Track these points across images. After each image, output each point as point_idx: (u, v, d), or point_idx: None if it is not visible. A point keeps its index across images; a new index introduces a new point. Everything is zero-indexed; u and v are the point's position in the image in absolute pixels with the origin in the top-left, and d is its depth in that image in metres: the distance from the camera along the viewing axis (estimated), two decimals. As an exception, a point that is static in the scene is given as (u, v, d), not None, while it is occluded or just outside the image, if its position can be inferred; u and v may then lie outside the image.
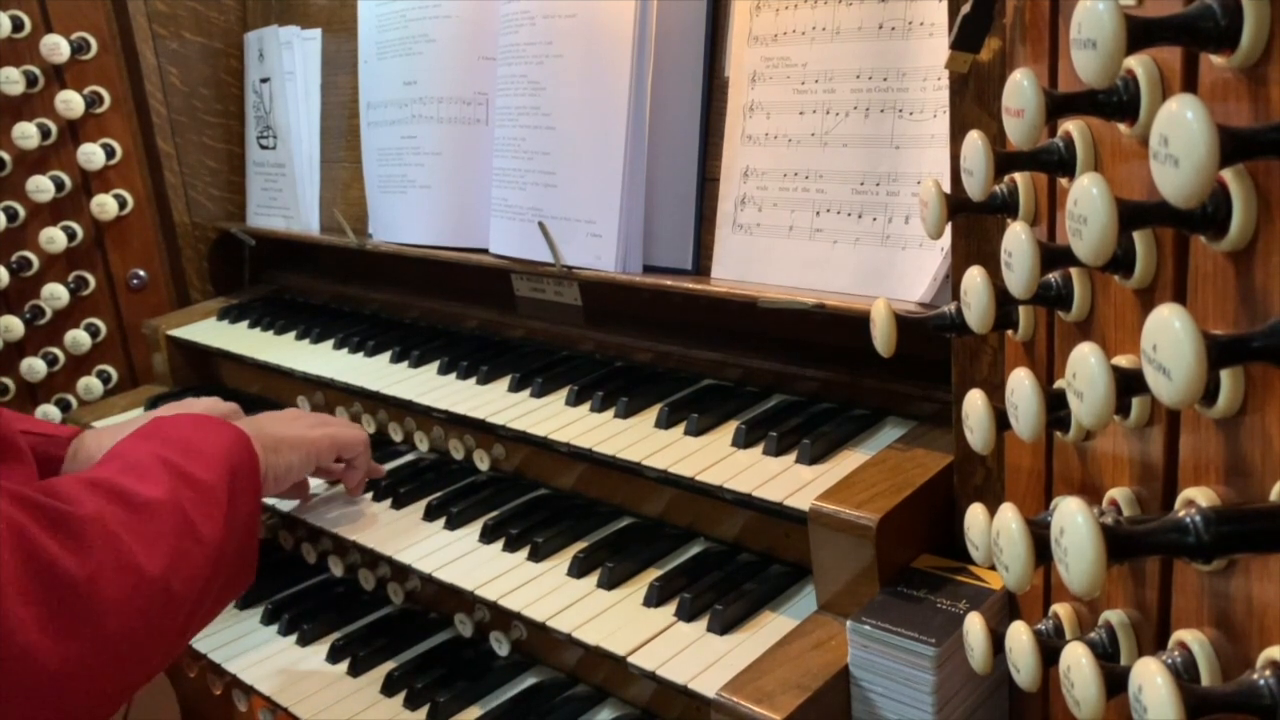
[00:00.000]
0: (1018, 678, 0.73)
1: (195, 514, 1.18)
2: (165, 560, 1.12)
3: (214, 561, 1.19)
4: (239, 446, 1.31)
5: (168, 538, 1.13)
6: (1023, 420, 0.75)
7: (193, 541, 1.17)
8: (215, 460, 1.25)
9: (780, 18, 1.43)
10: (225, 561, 1.22)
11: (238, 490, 1.26)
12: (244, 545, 1.28)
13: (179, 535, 1.15)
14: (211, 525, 1.20)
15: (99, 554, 1.05)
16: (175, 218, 2.27)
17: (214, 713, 1.71)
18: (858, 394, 1.39)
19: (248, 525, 1.29)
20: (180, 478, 1.20)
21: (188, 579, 1.15)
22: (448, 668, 1.48)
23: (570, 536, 1.43)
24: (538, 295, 1.83)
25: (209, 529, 1.19)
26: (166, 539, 1.13)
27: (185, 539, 1.16)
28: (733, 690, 1.06)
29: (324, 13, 2.16)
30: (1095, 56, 0.59)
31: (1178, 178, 0.53)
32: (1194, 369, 0.53)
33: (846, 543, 1.13)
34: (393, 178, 1.91)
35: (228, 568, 1.23)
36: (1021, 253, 0.74)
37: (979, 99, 1.03)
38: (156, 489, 1.16)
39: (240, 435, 1.33)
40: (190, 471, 1.21)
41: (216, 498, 1.22)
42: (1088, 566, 0.57)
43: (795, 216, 1.40)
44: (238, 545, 1.26)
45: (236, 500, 1.25)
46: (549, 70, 1.60)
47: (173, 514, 1.16)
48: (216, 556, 1.20)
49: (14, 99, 2.15)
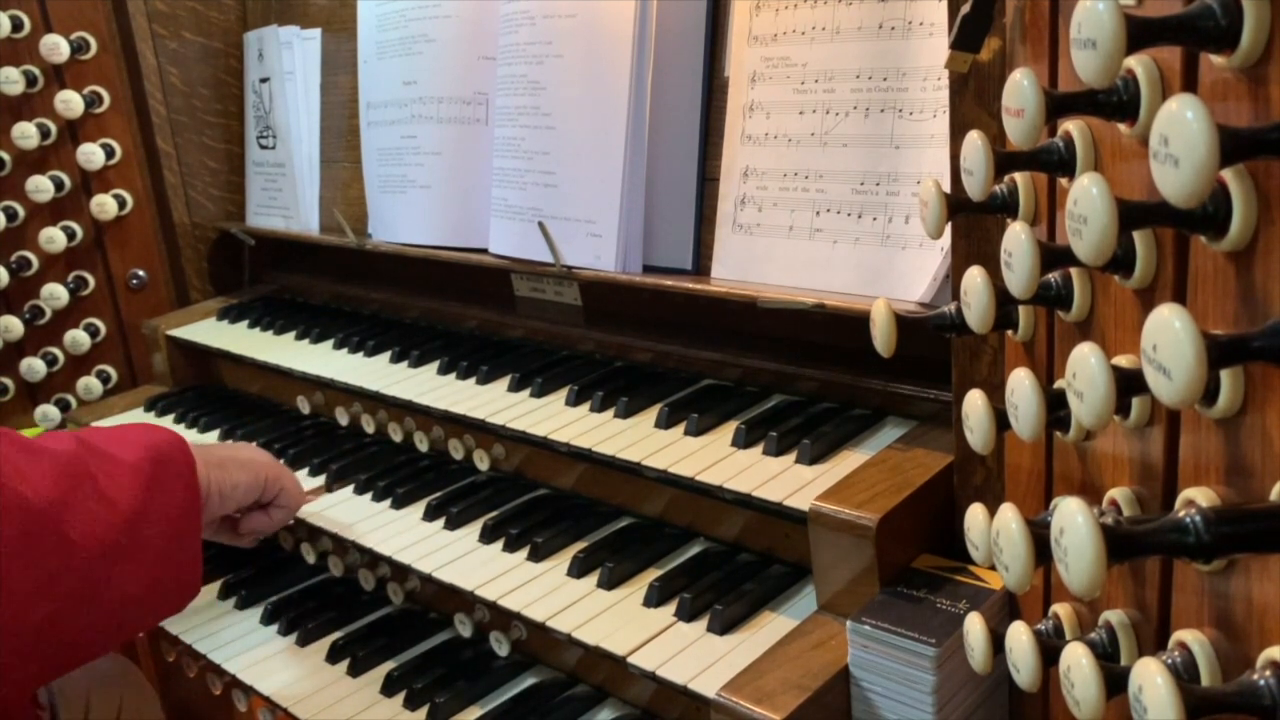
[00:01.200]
0: (1018, 678, 0.73)
1: (101, 477, 1.16)
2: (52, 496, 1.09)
3: (128, 531, 1.16)
4: (169, 444, 1.29)
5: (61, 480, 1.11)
6: (1023, 420, 0.75)
7: (95, 498, 1.14)
8: (134, 444, 1.24)
9: (780, 18, 1.43)
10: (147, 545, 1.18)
11: (161, 475, 1.23)
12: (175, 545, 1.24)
13: (75, 482, 1.13)
14: (122, 493, 1.17)
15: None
16: (175, 218, 2.27)
17: (214, 713, 1.71)
18: (858, 394, 1.39)
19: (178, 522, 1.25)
20: (88, 446, 1.19)
21: (88, 532, 1.12)
22: (448, 668, 1.48)
23: (570, 536, 1.43)
24: (538, 295, 1.83)
25: (119, 494, 1.17)
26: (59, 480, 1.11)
27: (84, 490, 1.13)
28: (733, 690, 1.06)
29: (324, 13, 2.16)
30: (1095, 56, 0.59)
31: (1178, 178, 0.53)
32: (1194, 369, 0.53)
33: (846, 543, 1.13)
34: (392, 178, 1.91)
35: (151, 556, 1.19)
36: (1021, 253, 0.74)
37: (979, 99, 1.03)
38: (59, 445, 1.16)
39: (173, 436, 1.31)
40: (103, 446, 1.20)
41: (129, 469, 1.20)
42: (1088, 566, 0.57)
43: (795, 216, 1.40)
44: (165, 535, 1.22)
45: (159, 483, 1.22)
46: (549, 70, 1.60)
47: (69, 464, 1.14)
48: (131, 527, 1.16)
49: (14, 99, 2.15)
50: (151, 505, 1.20)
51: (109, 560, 1.14)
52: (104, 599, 1.15)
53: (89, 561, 1.12)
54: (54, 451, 1.15)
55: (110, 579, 1.15)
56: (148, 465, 1.22)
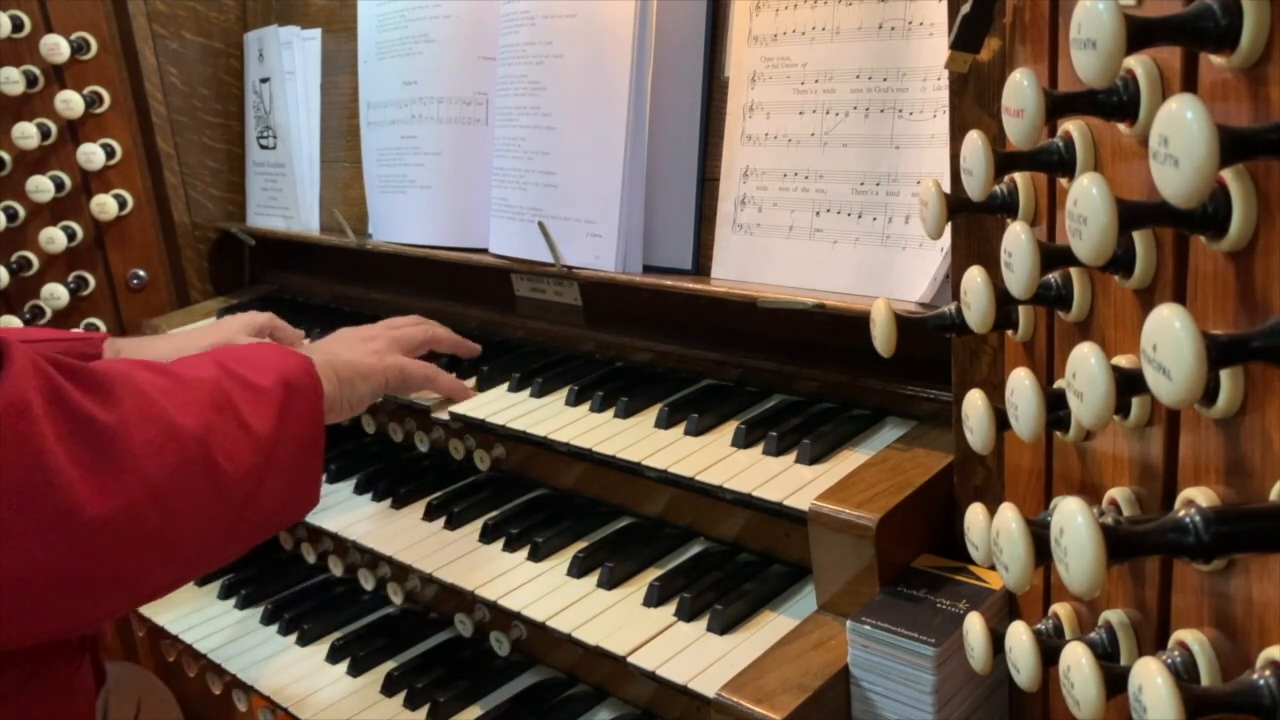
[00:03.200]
0: (1018, 678, 0.73)
1: (242, 404, 1.22)
2: (200, 425, 1.15)
3: (264, 454, 1.22)
4: (298, 367, 1.34)
5: (205, 408, 1.17)
6: (1023, 420, 0.75)
7: (237, 425, 1.20)
8: (268, 369, 1.29)
9: (780, 18, 1.43)
10: (280, 466, 1.25)
11: (293, 401, 1.29)
12: (304, 465, 1.30)
13: (219, 411, 1.18)
14: (260, 420, 1.23)
15: (127, 403, 1.08)
16: (175, 218, 2.27)
17: (214, 713, 1.71)
18: (858, 394, 1.39)
19: (307, 444, 1.31)
20: (228, 372, 1.24)
21: (231, 457, 1.18)
22: (448, 667, 1.48)
23: (570, 536, 1.43)
24: (538, 295, 1.83)
25: (258, 421, 1.23)
26: (204, 409, 1.17)
27: (227, 418, 1.19)
28: (733, 690, 1.06)
29: (324, 13, 2.16)
30: (1095, 56, 0.59)
31: (1178, 178, 0.53)
32: (1194, 369, 0.53)
33: (846, 543, 1.13)
34: (392, 178, 1.91)
35: (284, 476, 1.26)
36: (1021, 253, 0.74)
37: (979, 99, 1.03)
38: (201, 372, 1.22)
39: (302, 360, 1.36)
40: (241, 372, 1.26)
41: (266, 398, 1.26)
42: (1088, 566, 0.57)
43: (795, 216, 1.40)
44: (296, 456, 1.28)
45: (291, 410, 1.28)
46: (549, 70, 1.60)
47: (213, 392, 1.20)
48: (268, 451, 1.23)
49: (14, 99, 2.15)
50: (284, 430, 1.26)
51: (249, 484, 1.20)
52: (246, 519, 1.22)
53: (233, 485, 1.18)
54: (200, 379, 1.20)
55: (251, 500, 1.21)
56: (281, 391, 1.28)
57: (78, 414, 1.03)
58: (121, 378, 1.10)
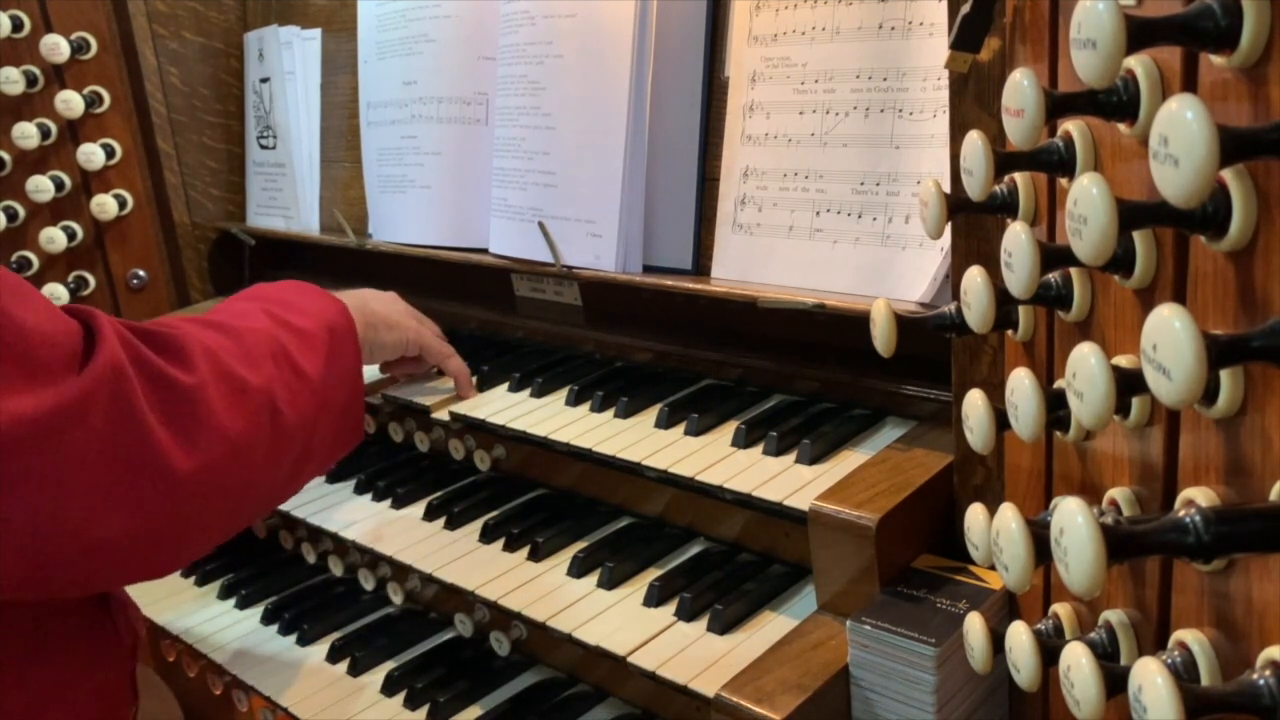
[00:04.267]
0: (1018, 678, 0.73)
1: (294, 350, 1.29)
2: (264, 377, 1.22)
3: (318, 398, 1.30)
4: (336, 310, 1.41)
5: (266, 360, 1.24)
6: (1023, 420, 0.75)
7: (292, 372, 1.27)
8: (312, 315, 1.37)
9: (780, 18, 1.43)
10: (331, 407, 1.32)
11: (336, 344, 1.36)
12: (349, 402, 1.38)
13: (277, 362, 1.25)
14: (311, 365, 1.30)
15: (202, 366, 1.15)
16: (175, 218, 2.27)
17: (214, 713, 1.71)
18: (858, 394, 1.39)
19: (351, 383, 1.39)
20: (277, 321, 1.31)
21: (292, 405, 1.25)
22: (448, 667, 1.48)
23: (570, 536, 1.43)
24: (538, 295, 1.83)
25: (310, 366, 1.30)
26: (265, 361, 1.24)
27: (284, 368, 1.26)
28: (733, 690, 1.06)
29: (324, 13, 2.16)
30: (1095, 56, 0.59)
31: (1178, 178, 0.53)
32: (1194, 369, 0.53)
33: (846, 543, 1.13)
34: (393, 178, 1.91)
35: (334, 415, 1.34)
36: (1021, 253, 0.74)
37: (979, 99, 1.03)
38: (254, 323, 1.28)
39: (337, 303, 1.43)
40: (288, 319, 1.33)
41: (314, 343, 1.33)
42: (1088, 566, 0.57)
43: (795, 216, 1.40)
44: (343, 397, 1.36)
45: (336, 352, 1.35)
46: (549, 70, 1.60)
47: (269, 343, 1.26)
48: (320, 394, 1.30)
49: (14, 99, 2.15)
50: (332, 371, 1.34)
51: (308, 426, 1.28)
52: (309, 457, 1.32)
53: (295, 429, 1.26)
54: (256, 331, 1.27)
55: (310, 440, 1.30)
56: (326, 335, 1.35)
57: (162, 377, 1.09)
58: (191, 338, 1.16)
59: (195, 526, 1.15)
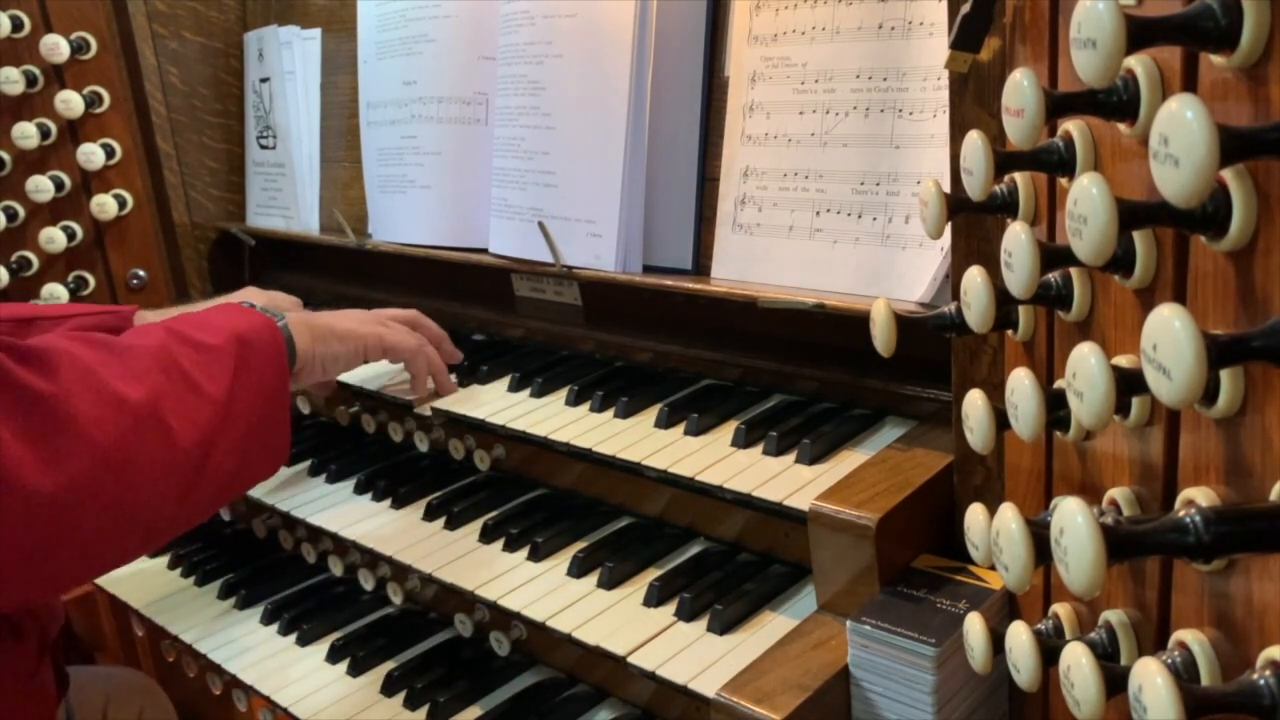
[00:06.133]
0: (1018, 678, 0.73)
1: (192, 367, 1.22)
2: (147, 389, 1.15)
3: (220, 415, 1.23)
4: (258, 325, 1.35)
5: (151, 373, 1.17)
6: (1023, 420, 0.75)
7: (186, 387, 1.20)
8: (221, 330, 1.30)
9: (780, 17, 1.43)
10: (238, 422, 1.25)
11: (248, 356, 1.29)
12: (268, 417, 1.31)
13: (166, 374, 1.18)
14: (213, 383, 1.23)
15: (67, 376, 1.08)
16: (175, 218, 2.27)
17: (214, 713, 1.71)
18: (858, 394, 1.39)
19: (268, 397, 1.32)
20: (176, 337, 1.25)
21: (183, 418, 1.18)
22: (448, 667, 1.48)
23: (570, 536, 1.43)
24: (538, 295, 1.83)
25: (210, 385, 1.23)
26: (150, 374, 1.17)
27: (175, 381, 1.19)
28: (732, 690, 1.06)
29: (324, 13, 2.16)
30: (1095, 56, 0.59)
31: (1178, 178, 0.53)
32: (1194, 369, 0.53)
33: (846, 543, 1.13)
34: (392, 177, 1.91)
35: (244, 431, 1.26)
36: (1021, 253, 0.74)
37: (979, 99, 1.02)
38: (145, 340, 1.22)
39: (262, 319, 1.37)
40: (191, 335, 1.26)
41: (218, 358, 1.26)
42: (1088, 566, 0.57)
43: (795, 216, 1.40)
44: (257, 413, 1.29)
45: (246, 365, 1.28)
46: (549, 70, 1.60)
47: (158, 357, 1.19)
48: (222, 411, 1.23)
49: (14, 99, 2.15)
50: (240, 385, 1.27)
51: (205, 443, 1.21)
52: (206, 478, 1.22)
53: (190, 446, 1.19)
54: (144, 346, 1.21)
55: (208, 460, 1.22)
56: (234, 347, 1.28)
57: (17, 387, 1.03)
58: (61, 352, 1.10)
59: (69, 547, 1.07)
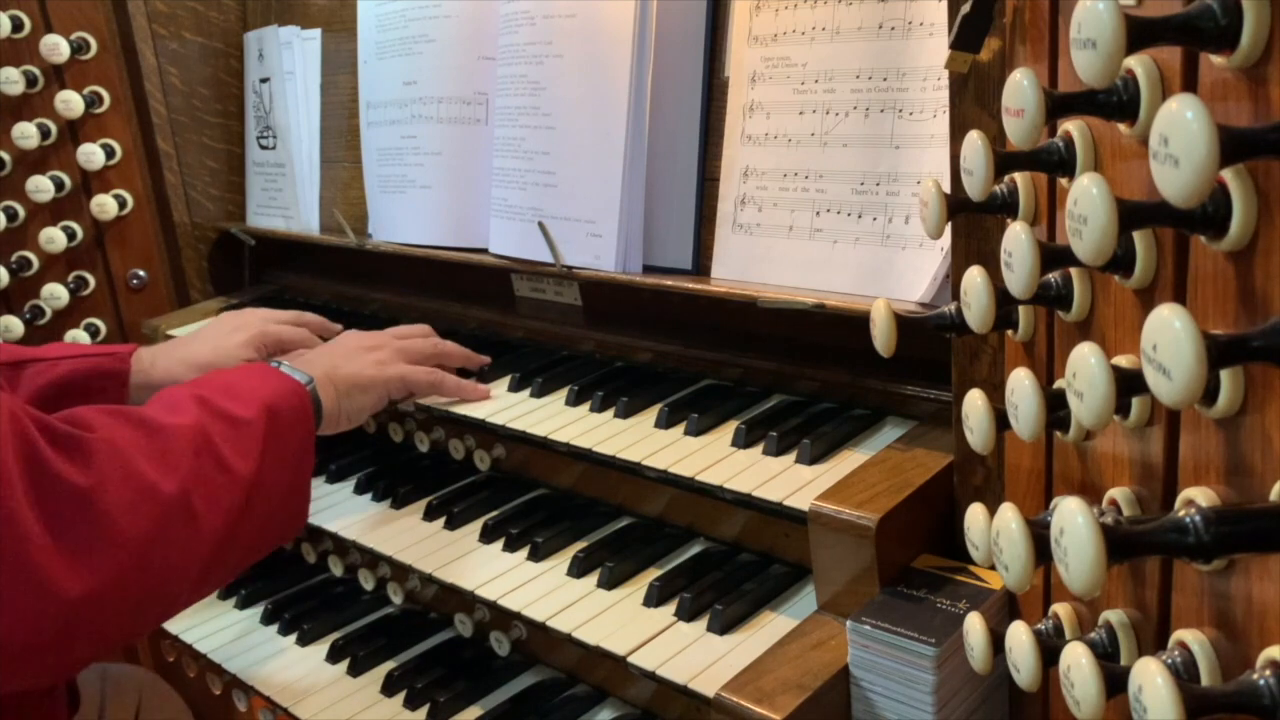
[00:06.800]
0: (1018, 678, 0.73)
1: (224, 444, 1.20)
2: (180, 477, 1.13)
3: (247, 493, 1.21)
4: (286, 392, 1.32)
5: (185, 458, 1.15)
6: (1023, 420, 0.75)
7: (217, 469, 1.18)
8: (253, 400, 1.28)
9: (780, 18, 1.43)
10: (264, 495, 1.24)
11: (279, 429, 1.28)
12: (294, 484, 1.30)
13: (198, 457, 1.17)
14: (244, 460, 1.22)
15: (102, 465, 1.06)
16: (175, 218, 2.27)
17: (214, 713, 1.71)
18: (858, 394, 1.39)
19: (297, 466, 1.31)
20: (210, 411, 1.22)
21: (212, 502, 1.16)
22: (448, 668, 1.48)
23: (570, 536, 1.43)
24: (538, 295, 1.83)
25: (240, 462, 1.21)
26: (184, 459, 1.15)
27: (207, 464, 1.17)
28: (733, 690, 1.06)
29: (324, 13, 2.16)
30: (1095, 56, 0.59)
31: (1178, 178, 0.53)
32: (1194, 369, 0.53)
33: (846, 543, 1.13)
34: (392, 178, 1.91)
35: (268, 503, 1.25)
36: (1021, 253, 0.74)
37: (979, 99, 1.03)
38: (181, 418, 1.19)
39: (291, 384, 1.35)
40: (223, 407, 1.24)
41: (250, 432, 1.24)
42: (1088, 566, 0.57)
43: (795, 216, 1.40)
44: (282, 484, 1.28)
45: (277, 438, 1.27)
46: (549, 70, 1.60)
47: (193, 439, 1.18)
48: (250, 489, 1.21)
49: (14, 99, 2.15)
50: (268, 460, 1.25)
51: (231, 523, 1.19)
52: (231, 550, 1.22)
53: (216, 528, 1.17)
54: (179, 427, 1.18)
55: (233, 537, 1.20)
56: (264, 422, 1.26)
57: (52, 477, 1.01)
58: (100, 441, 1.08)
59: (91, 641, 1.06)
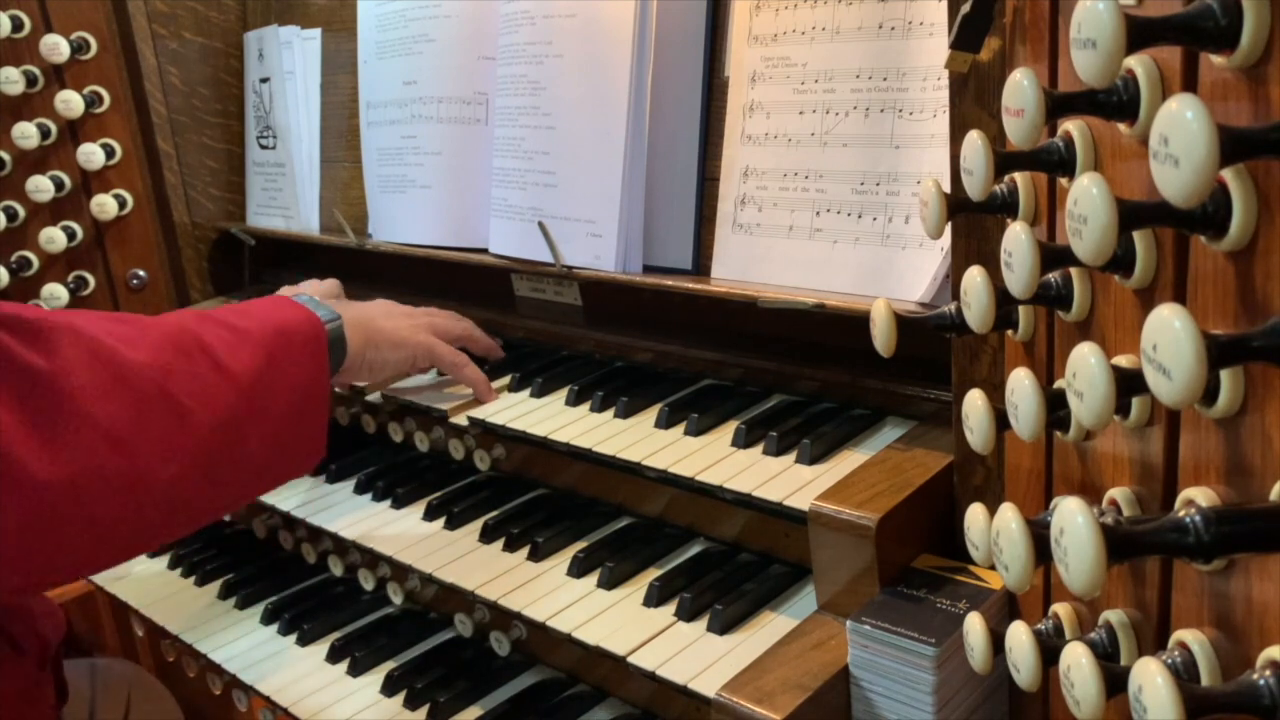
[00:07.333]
0: (1018, 678, 0.73)
1: (217, 344, 1.19)
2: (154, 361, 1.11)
3: (244, 396, 1.19)
4: (299, 319, 1.32)
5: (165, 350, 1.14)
6: (1023, 420, 0.75)
7: (210, 366, 1.17)
8: (260, 318, 1.27)
9: (780, 17, 1.43)
10: (266, 408, 1.22)
11: (284, 345, 1.27)
12: (303, 409, 1.28)
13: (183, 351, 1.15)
14: (238, 360, 1.20)
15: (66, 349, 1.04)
16: (175, 218, 2.27)
17: (214, 713, 1.72)
18: (858, 394, 1.39)
19: (307, 392, 1.29)
20: (210, 319, 1.22)
21: (202, 397, 1.14)
22: (448, 667, 1.48)
23: (570, 536, 1.43)
24: (538, 295, 1.83)
25: (235, 362, 1.20)
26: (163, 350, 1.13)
27: (198, 360, 1.16)
28: (732, 690, 1.06)
29: (324, 13, 2.16)
30: (1095, 56, 0.59)
31: (1178, 178, 0.53)
32: (1194, 369, 0.53)
33: (846, 543, 1.13)
34: (392, 177, 1.91)
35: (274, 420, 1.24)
36: (1021, 253, 0.74)
37: (979, 99, 1.03)
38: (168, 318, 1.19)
39: (305, 313, 1.34)
40: (226, 318, 1.24)
41: (250, 339, 1.23)
42: (1088, 566, 0.57)
43: (795, 216, 1.40)
44: (293, 405, 1.26)
45: (284, 356, 1.26)
46: (549, 70, 1.60)
47: (176, 334, 1.17)
48: (248, 393, 1.20)
49: (14, 99, 2.15)
50: (273, 374, 1.24)
51: (228, 427, 1.17)
52: (226, 462, 1.19)
53: (208, 427, 1.15)
54: (160, 323, 1.18)
55: (232, 444, 1.18)
56: (270, 336, 1.25)
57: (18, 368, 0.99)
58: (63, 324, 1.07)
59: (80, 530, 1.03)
